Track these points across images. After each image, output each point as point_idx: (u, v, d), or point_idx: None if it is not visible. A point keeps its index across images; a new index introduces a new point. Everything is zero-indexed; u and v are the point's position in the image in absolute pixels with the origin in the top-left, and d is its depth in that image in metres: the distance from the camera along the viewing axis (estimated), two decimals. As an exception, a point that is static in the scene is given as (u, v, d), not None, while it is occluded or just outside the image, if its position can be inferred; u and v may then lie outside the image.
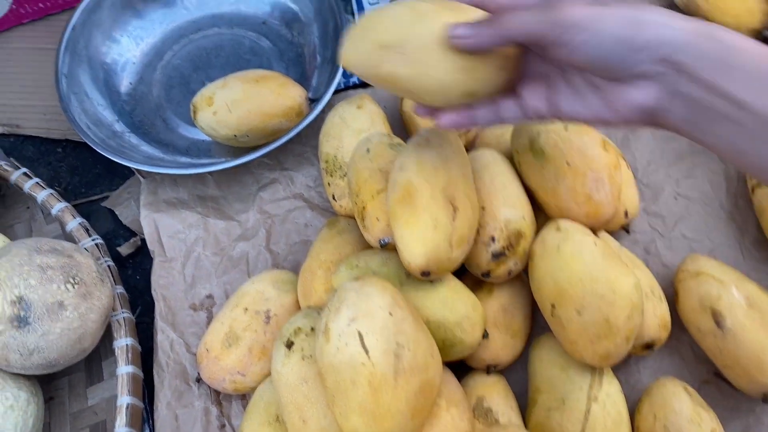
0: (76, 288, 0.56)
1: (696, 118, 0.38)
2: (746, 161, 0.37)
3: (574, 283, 0.52)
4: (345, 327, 0.46)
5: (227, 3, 0.84)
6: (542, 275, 0.55)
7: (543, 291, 0.54)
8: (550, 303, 0.54)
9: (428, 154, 0.54)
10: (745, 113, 0.35)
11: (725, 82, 0.36)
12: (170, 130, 0.78)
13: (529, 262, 0.57)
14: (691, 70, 0.36)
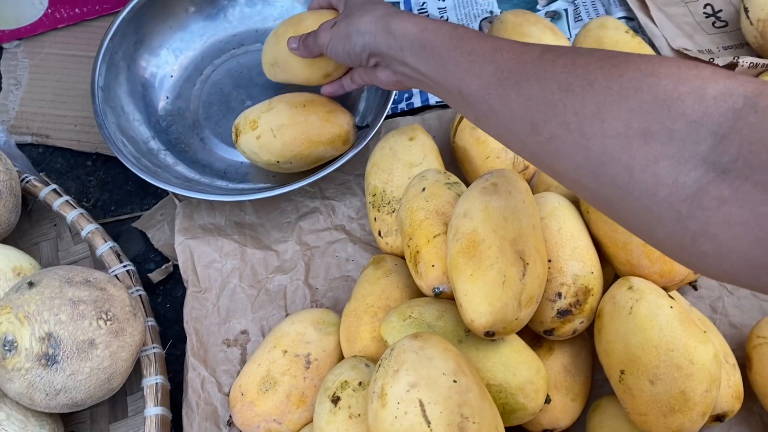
0: (108, 325, 0.53)
1: (412, 83, 0.52)
2: (442, 97, 0.49)
3: (648, 349, 0.48)
4: (404, 393, 0.42)
5: (271, 18, 0.80)
6: (612, 338, 0.50)
7: (612, 355, 0.50)
8: (620, 369, 0.50)
9: (496, 202, 0.50)
10: (421, 75, 0.48)
11: (403, 58, 0.50)
12: (207, 150, 0.74)
13: (596, 321, 0.53)
14: (387, 58, 0.52)
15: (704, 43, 0.73)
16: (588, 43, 0.69)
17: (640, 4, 0.74)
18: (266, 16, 0.80)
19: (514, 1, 0.80)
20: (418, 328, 0.51)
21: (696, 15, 0.75)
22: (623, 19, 0.75)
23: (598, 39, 0.68)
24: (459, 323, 0.51)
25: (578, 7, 0.78)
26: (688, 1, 0.76)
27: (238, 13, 0.80)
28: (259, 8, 0.80)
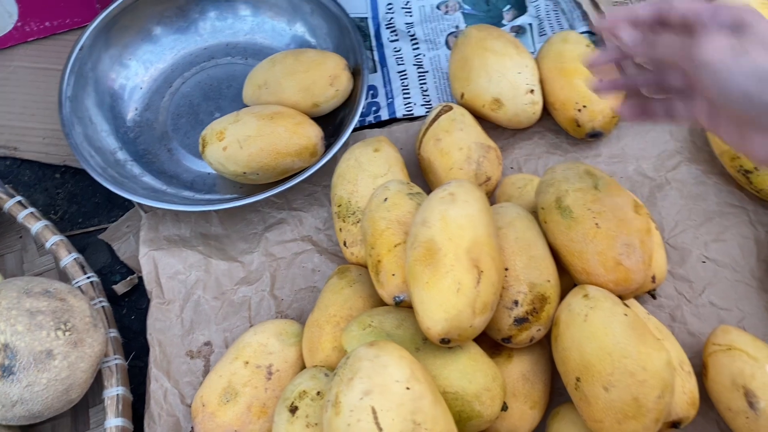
0: (67, 335, 0.52)
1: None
2: None
3: (602, 357, 0.49)
4: (357, 401, 0.42)
5: (242, 32, 0.81)
6: (567, 345, 0.51)
7: (568, 363, 0.51)
8: (575, 376, 0.50)
9: (453, 211, 0.50)
10: None
11: None
12: (175, 161, 0.74)
13: (552, 329, 0.53)
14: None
15: (665, 57, 0.74)
16: (550, 56, 0.70)
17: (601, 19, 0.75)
18: (237, 30, 0.81)
19: (480, 17, 0.82)
20: (378, 336, 0.51)
21: (657, 30, 0.77)
22: (586, 33, 0.77)
23: (559, 52, 0.69)
24: (418, 331, 0.51)
25: (542, 22, 0.80)
26: (649, 16, 0.78)
27: (209, 27, 0.81)
28: (230, 22, 0.80)
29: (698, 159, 0.70)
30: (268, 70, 0.72)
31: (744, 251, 0.65)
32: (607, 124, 0.68)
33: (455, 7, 0.83)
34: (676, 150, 0.71)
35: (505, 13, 0.82)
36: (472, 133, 0.66)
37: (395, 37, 0.81)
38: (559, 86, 0.68)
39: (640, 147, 0.71)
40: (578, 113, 0.68)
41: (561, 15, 0.80)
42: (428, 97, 0.77)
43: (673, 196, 0.68)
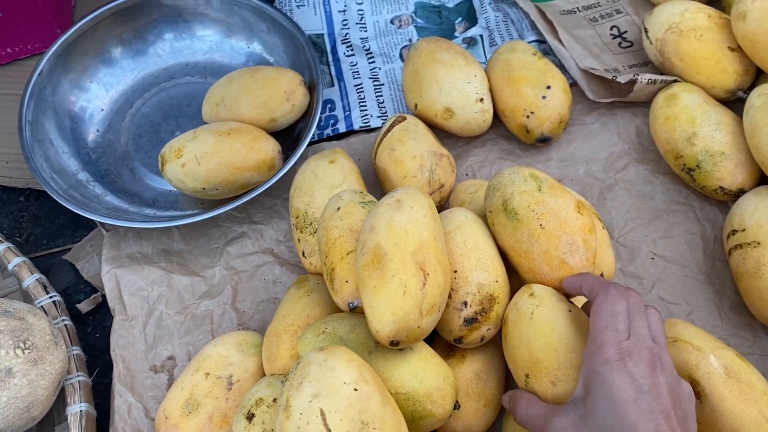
0: (27, 353, 0.53)
1: None
2: None
3: (548, 352, 0.50)
4: (306, 404, 0.43)
5: (200, 52, 0.82)
6: (516, 343, 0.53)
7: (516, 360, 0.52)
8: (525, 373, 0.52)
9: (399, 217, 0.52)
10: None
11: None
12: (137, 180, 0.75)
13: (502, 327, 0.55)
14: None
15: (611, 62, 0.77)
16: (499, 66, 0.72)
17: (549, 28, 0.78)
18: (196, 50, 0.83)
19: (433, 30, 0.84)
20: (332, 342, 0.53)
21: (603, 36, 0.80)
22: (534, 43, 0.79)
23: (507, 62, 0.72)
24: (370, 336, 0.53)
25: (492, 33, 0.82)
26: (595, 23, 0.81)
27: (168, 48, 0.82)
28: (187, 42, 0.82)
29: (645, 159, 0.72)
30: (225, 88, 0.73)
31: (691, 247, 0.67)
32: (555, 129, 0.70)
33: (408, 21, 0.85)
34: (624, 152, 0.73)
35: (457, 25, 0.84)
36: (424, 142, 0.68)
37: (351, 52, 0.83)
38: (507, 94, 0.71)
39: (590, 150, 0.73)
40: (527, 119, 0.70)
41: (510, 25, 0.83)
42: (384, 108, 0.79)
43: (622, 196, 0.70)
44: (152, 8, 0.79)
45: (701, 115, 0.67)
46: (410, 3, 0.86)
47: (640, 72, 0.74)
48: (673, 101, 0.68)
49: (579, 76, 0.75)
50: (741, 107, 0.66)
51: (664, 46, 0.72)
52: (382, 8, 0.86)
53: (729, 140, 0.65)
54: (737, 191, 0.65)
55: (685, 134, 0.66)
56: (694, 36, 0.70)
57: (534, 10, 0.80)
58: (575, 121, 0.75)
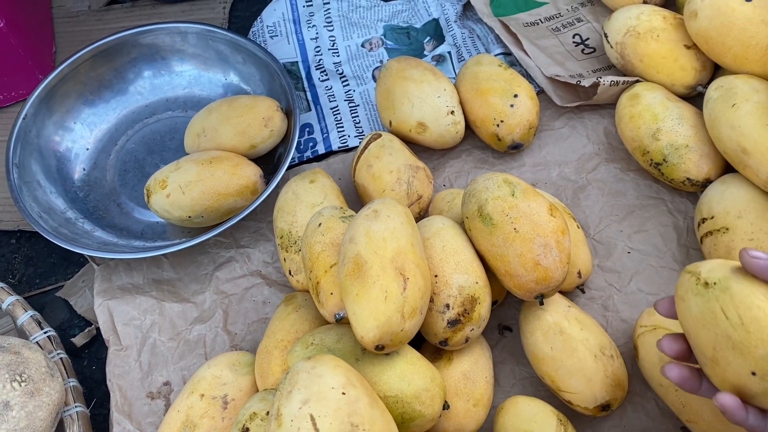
0: (23, 386, 0.55)
1: None
2: None
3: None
4: (296, 411, 0.45)
5: (180, 87, 0.85)
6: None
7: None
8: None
9: (376, 226, 0.54)
10: None
11: None
12: (125, 214, 0.77)
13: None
14: None
15: (575, 68, 0.80)
16: (467, 80, 0.75)
17: (514, 40, 0.81)
18: (175, 85, 0.85)
19: (403, 50, 0.87)
20: (320, 352, 0.54)
21: (566, 45, 0.83)
22: (501, 55, 0.82)
23: (474, 75, 0.75)
24: (356, 343, 0.54)
25: (460, 49, 0.85)
26: (557, 33, 0.84)
27: (148, 85, 0.85)
28: (166, 79, 0.85)
29: (615, 158, 0.75)
30: (205, 119, 0.76)
31: (665, 239, 0.69)
32: (525, 135, 0.73)
33: (378, 43, 0.88)
34: (594, 152, 0.76)
35: (425, 44, 0.88)
36: (400, 157, 0.70)
37: (325, 76, 0.86)
38: (477, 105, 0.73)
39: (561, 153, 0.76)
40: (497, 128, 0.72)
41: (477, 40, 0.86)
42: (361, 128, 0.81)
43: (595, 195, 0.73)
44: (130, 48, 0.82)
45: (663, 111, 0.69)
46: (379, 26, 0.89)
47: (604, 75, 0.76)
48: (636, 100, 0.71)
49: (545, 83, 0.77)
50: (702, 101, 0.69)
51: (624, 49, 0.75)
52: (353, 33, 0.89)
53: (692, 133, 0.68)
54: (704, 181, 0.67)
55: (649, 130, 0.69)
56: (651, 37, 0.73)
57: (498, 24, 0.83)
58: (545, 127, 0.77)
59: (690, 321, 0.46)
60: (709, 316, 0.44)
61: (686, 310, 0.46)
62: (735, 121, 0.63)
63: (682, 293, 0.47)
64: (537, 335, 0.59)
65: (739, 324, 0.43)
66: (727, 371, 0.43)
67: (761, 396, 0.42)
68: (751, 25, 0.66)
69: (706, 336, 0.44)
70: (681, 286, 0.47)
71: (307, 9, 0.91)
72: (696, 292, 0.45)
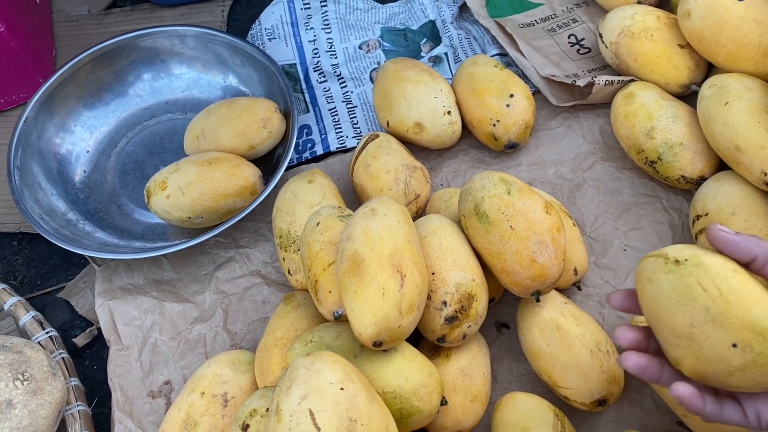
0: (26, 384, 0.55)
1: None
2: None
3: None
4: (296, 406, 0.45)
5: (179, 89, 0.86)
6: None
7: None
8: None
9: (374, 224, 0.55)
10: None
11: None
12: (125, 215, 0.78)
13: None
14: None
15: (570, 68, 0.81)
16: (463, 80, 0.76)
17: (510, 41, 0.82)
18: (174, 88, 0.86)
19: (400, 52, 0.88)
20: (318, 350, 0.55)
21: (561, 45, 0.83)
22: (497, 56, 0.83)
23: (470, 75, 0.75)
24: (355, 340, 0.55)
25: (456, 50, 0.86)
26: (553, 33, 0.85)
27: (147, 88, 0.85)
28: (166, 81, 0.85)
29: (611, 157, 0.75)
30: (204, 121, 0.76)
31: (660, 236, 0.70)
32: (521, 134, 0.74)
33: (375, 45, 0.89)
34: (590, 151, 0.76)
35: (422, 45, 0.88)
36: (397, 157, 0.71)
37: (323, 78, 0.87)
38: (473, 105, 0.74)
39: (557, 152, 0.77)
40: (493, 128, 0.73)
41: (473, 41, 0.87)
42: (359, 129, 0.82)
43: (591, 194, 0.73)
44: (130, 51, 0.83)
45: (658, 109, 0.70)
46: (376, 28, 0.90)
47: (599, 75, 0.77)
48: (631, 99, 0.72)
49: (541, 83, 0.78)
50: (696, 100, 0.70)
51: (619, 49, 0.75)
52: (350, 35, 0.90)
53: (686, 131, 0.69)
54: (698, 179, 0.68)
55: (644, 129, 0.70)
56: (645, 37, 0.74)
57: (494, 25, 0.83)
58: (541, 127, 0.78)
59: (662, 301, 0.44)
60: (684, 292, 0.43)
61: (656, 291, 0.45)
62: (728, 118, 0.64)
63: (649, 275, 0.46)
64: (534, 332, 0.60)
65: (717, 295, 0.42)
66: (705, 347, 0.42)
67: (738, 372, 0.42)
68: (743, 24, 0.67)
69: (682, 313, 0.43)
70: (646, 269, 0.46)
71: (305, 12, 0.92)
72: (667, 271, 0.44)
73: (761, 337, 0.41)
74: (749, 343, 0.41)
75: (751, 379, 0.42)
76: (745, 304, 0.42)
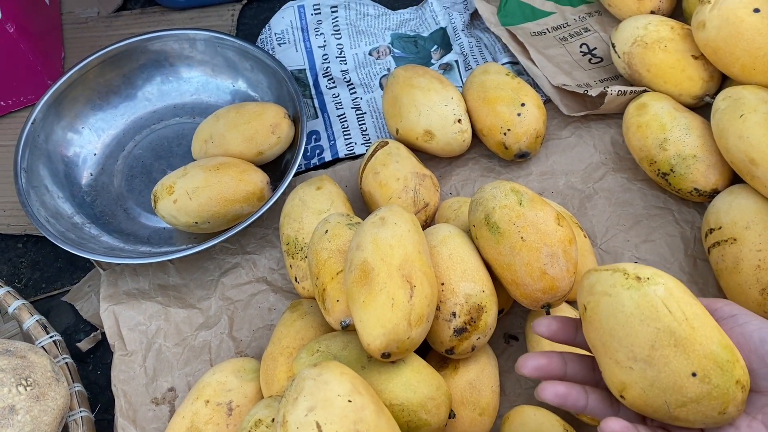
0: (29, 390, 0.55)
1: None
2: None
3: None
4: (302, 418, 0.45)
5: (188, 93, 0.85)
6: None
7: None
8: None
9: (383, 233, 0.54)
10: None
11: None
12: (131, 219, 0.78)
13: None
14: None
15: (582, 78, 0.80)
16: (474, 88, 0.75)
17: (521, 49, 0.81)
18: (183, 91, 0.85)
19: (410, 59, 0.87)
20: (325, 360, 0.54)
21: (573, 54, 0.83)
22: (508, 64, 0.83)
23: (481, 83, 0.75)
24: (362, 351, 0.54)
25: (467, 58, 0.85)
26: (564, 42, 0.84)
27: (156, 91, 0.85)
28: (175, 85, 0.85)
29: (622, 168, 0.75)
30: (213, 125, 0.76)
31: (672, 249, 0.69)
32: (532, 144, 0.73)
33: (386, 51, 0.89)
34: (601, 162, 0.76)
35: (433, 53, 0.88)
36: (407, 164, 0.70)
37: (333, 84, 0.86)
38: (484, 114, 0.73)
39: (568, 162, 0.76)
40: (504, 137, 0.72)
41: (484, 49, 0.86)
42: (368, 136, 0.81)
43: (602, 205, 0.72)
44: (139, 54, 0.82)
45: (671, 121, 0.69)
46: (387, 35, 0.90)
47: (611, 85, 0.77)
48: (644, 110, 0.71)
49: (552, 92, 0.78)
50: (709, 112, 0.69)
51: (632, 59, 0.75)
52: (360, 41, 0.89)
53: (699, 143, 0.68)
54: (711, 192, 0.67)
55: (657, 140, 0.69)
56: (658, 47, 0.73)
57: (505, 33, 0.83)
58: (552, 136, 0.77)
59: (621, 318, 0.41)
60: (649, 311, 0.40)
61: (615, 306, 0.42)
62: (743, 131, 0.63)
63: (606, 289, 0.43)
64: (543, 344, 0.59)
65: (683, 319, 0.40)
66: (663, 373, 0.40)
67: (691, 404, 0.39)
68: (759, 36, 0.66)
69: (644, 333, 0.40)
70: (601, 282, 0.43)
71: (315, 17, 0.91)
72: (628, 286, 0.42)
73: (720, 370, 0.39)
74: (708, 374, 0.39)
75: (701, 413, 0.40)
76: (708, 332, 0.40)
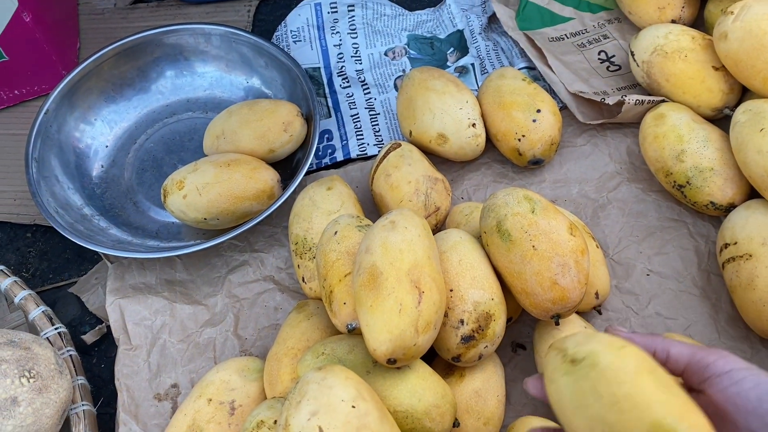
0: (32, 382, 0.54)
1: None
2: None
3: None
4: (305, 422, 0.44)
5: (201, 88, 0.85)
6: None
7: None
8: None
9: (393, 237, 0.53)
10: None
11: None
12: (141, 213, 0.77)
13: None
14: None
15: (599, 85, 0.79)
16: (489, 92, 0.74)
17: (538, 55, 0.80)
18: (197, 86, 0.85)
19: (426, 60, 0.87)
20: (331, 363, 0.53)
21: (591, 61, 0.82)
22: (524, 69, 0.82)
23: (497, 88, 0.74)
24: (368, 355, 0.53)
25: (483, 61, 0.85)
26: (583, 49, 0.83)
27: (169, 85, 0.85)
28: (188, 79, 0.85)
29: (637, 178, 0.74)
30: (225, 121, 0.76)
31: (685, 262, 0.68)
32: (546, 151, 0.72)
33: (401, 52, 0.88)
34: (616, 171, 0.74)
35: (449, 55, 0.87)
36: (419, 167, 0.70)
37: (347, 83, 0.86)
38: (499, 119, 0.72)
39: (582, 171, 0.75)
40: (518, 143, 0.71)
41: (501, 53, 0.85)
42: (380, 137, 0.81)
43: (615, 215, 0.71)
44: (154, 47, 0.82)
45: (689, 132, 0.68)
46: (403, 35, 0.89)
47: (629, 94, 0.75)
48: (661, 120, 0.70)
49: (569, 99, 0.77)
50: (728, 124, 0.68)
51: (651, 68, 0.74)
52: (376, 41, 0.89)
53: (717, 156, 0.67)
54: (728, 206, 0.66)
55: (674, 152, 0.68)
56: (678, 57, 0.72)
57: (523, 38, 0.82)
58: (567, 143, 0.76)
59: (562, 404, 0.40)
60: (581, 398, 0.38)
61: (557, 393, 0.40)
62: (763, 146, 0.62)
63: (550, 373, 0.41)
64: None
65: (612, 403, 0.37)
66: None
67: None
68: (782, 49, 0.65)
69: (581, 421, 0.38)
70: (549, 365, 0.42)
71: (332, 15, 0.91)
72: (564, 371, 0.40)
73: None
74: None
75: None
76: (642, 411, 0.36)
